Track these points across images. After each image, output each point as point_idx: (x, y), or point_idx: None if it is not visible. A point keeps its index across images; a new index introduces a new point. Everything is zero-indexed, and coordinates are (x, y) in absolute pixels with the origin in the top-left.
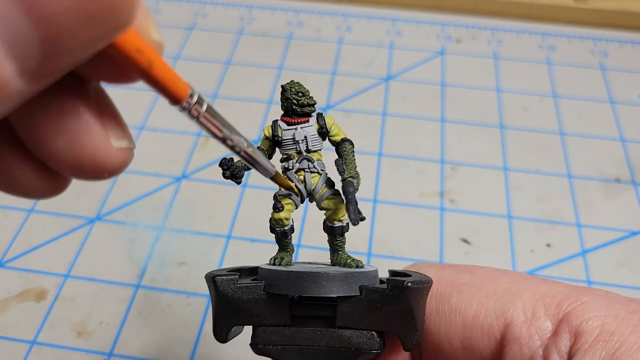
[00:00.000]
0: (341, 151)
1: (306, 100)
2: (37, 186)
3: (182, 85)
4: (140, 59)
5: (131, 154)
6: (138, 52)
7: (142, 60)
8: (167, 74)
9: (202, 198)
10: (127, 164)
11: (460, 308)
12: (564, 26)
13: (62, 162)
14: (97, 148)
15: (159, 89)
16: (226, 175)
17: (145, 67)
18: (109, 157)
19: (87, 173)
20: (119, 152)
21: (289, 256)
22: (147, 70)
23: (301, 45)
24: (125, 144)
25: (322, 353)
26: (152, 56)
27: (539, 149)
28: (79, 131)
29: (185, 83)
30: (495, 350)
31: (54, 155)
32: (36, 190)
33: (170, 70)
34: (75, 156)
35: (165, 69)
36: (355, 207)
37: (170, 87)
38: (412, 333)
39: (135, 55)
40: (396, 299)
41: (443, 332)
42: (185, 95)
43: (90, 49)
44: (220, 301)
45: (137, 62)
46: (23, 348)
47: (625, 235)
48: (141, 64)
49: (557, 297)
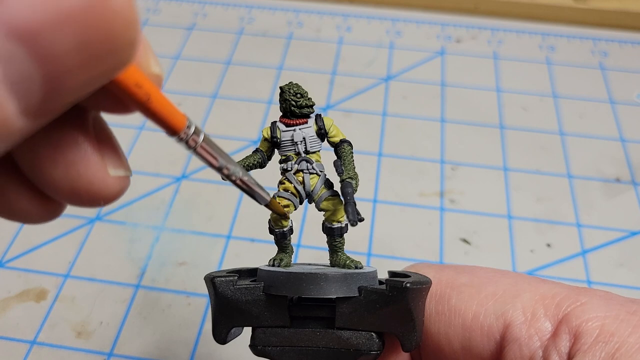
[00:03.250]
0: (340, 152)
1: (304, 102)
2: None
3: (179, 117)
4: (139, 94)
5: (127, 181)
6: (137, 87)
7: (140, 95)
8: (165, 107)
9: (202, 198)
10: (123, 191)
11: (459, 309)
12: (564, 26)
13: (58, 190)
14: (93, 177)
15: (156, 121)
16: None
17: (144, 101)
18: (105, 185)
19: (83, 201)
20: (115, 180)
21: (288, 257)
22: (146, 104)
23: (301, 45)
24: (122, 172)
25: (322, 354)
26: (151, 90)
27: (539, 149)
28: (76, 160)
29: (183, 115)
30: (494, 351)
31: (51, 183)
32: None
33: (168, 103)
34: (72, 185)
35: (163, 102)
36: (354, 208)
37: (168, 119)
38: (411, 334)
39: (134, 89)
40: (395, 299)
41: (443, 333)
42: (182, 126)
43: (92, 87)
44: (219, 302)
45: (135, 96)
46: (23, 348)
47: (625, 235)
48: (140, 98)
49: (556, 298)
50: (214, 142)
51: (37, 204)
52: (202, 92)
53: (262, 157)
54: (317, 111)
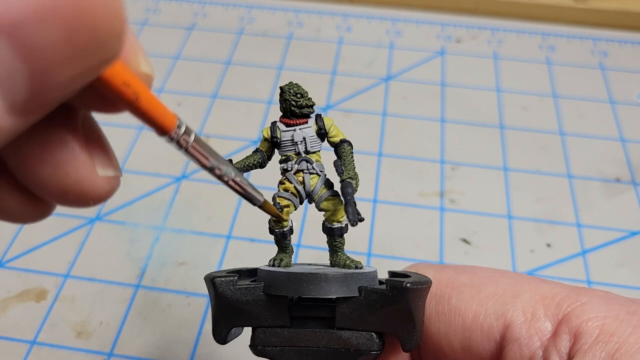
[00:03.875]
0: (340, 152)
1: (305, 102)
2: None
3: (169, 117)
4: (127, 92)
5: (117, 181)
6: (125, 86)
7: (129, 94)
8: (154, 107)
9: (202, 198)
10: (112, 192)
11: (459, 309)
12: (564, 26)
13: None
14: (82, 177)
15: (145, 121)
16: None
17: (132, 100)
18: (94, 185)
19: (72, 201)
20: (104, 180)
21: (289, 257)
22: (134, 104)
23: (301, 45)
24: (111, 172)
25: (322, 354)
26: (140, 89)
27: (539, 149)
28: (64, 160)
29: (173, 114)
30: (494, 351)
31: (39, 183)
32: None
33: (157, 103)
34: (60, 184)
35: (152, 102)
36: (354, 208)
37: (158, 119)
38: (411, 334)
39: (122, 88)
40: (395, 299)
41: (443, 333)
42: (172, 126)
43: (79, 83)
44: (219, 302)
45: (124, 95)
46: (23, 348)
47: (625, 235)
48: (128, 97)
49: (556, 298)
50: (206, 142)
51: (26, 204)
52: (202, 92)
53: (262, 157)
54: (317, 111)
